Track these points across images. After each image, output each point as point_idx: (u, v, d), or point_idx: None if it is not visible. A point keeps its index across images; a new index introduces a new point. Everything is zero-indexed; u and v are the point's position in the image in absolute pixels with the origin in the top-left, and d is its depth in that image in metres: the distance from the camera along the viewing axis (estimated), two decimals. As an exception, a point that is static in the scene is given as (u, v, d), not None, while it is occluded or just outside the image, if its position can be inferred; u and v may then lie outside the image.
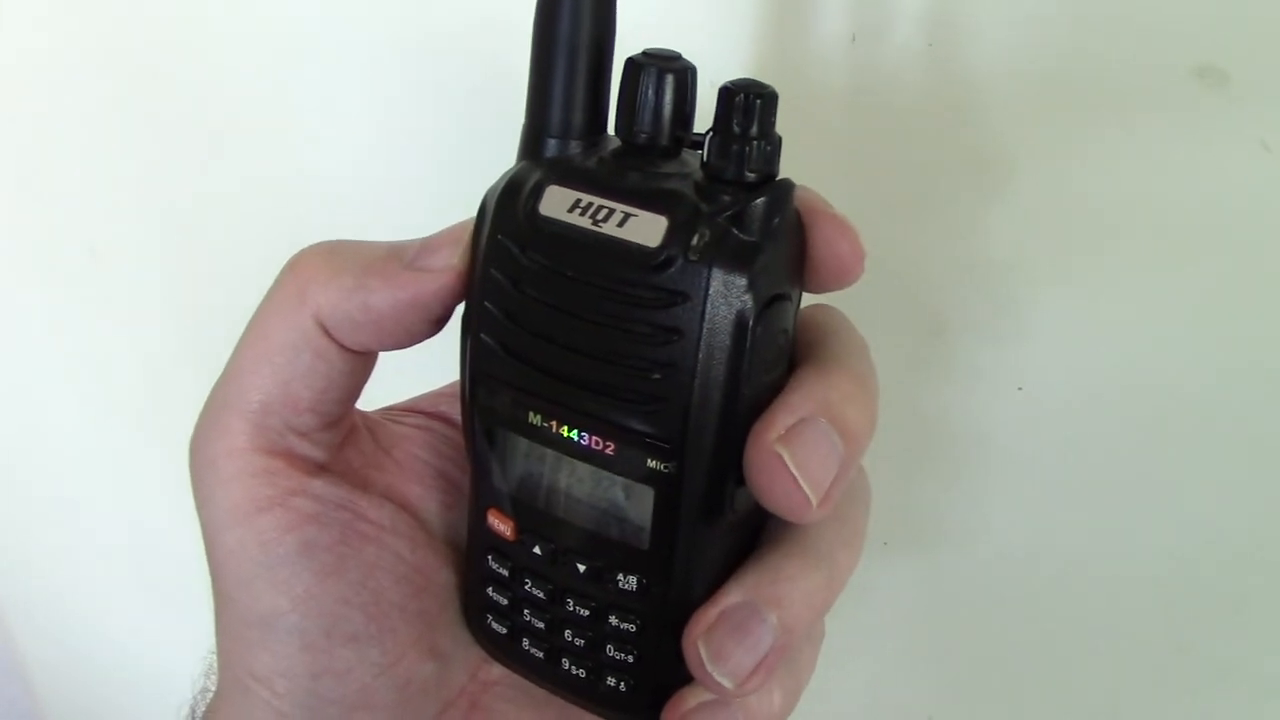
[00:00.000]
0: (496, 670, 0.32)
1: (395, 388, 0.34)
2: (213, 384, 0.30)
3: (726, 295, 0.24)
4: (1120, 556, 0.41)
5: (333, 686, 0.28)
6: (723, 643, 0.26)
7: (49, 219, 0.66)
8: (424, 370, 0.33)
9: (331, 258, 0.28)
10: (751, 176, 0.26)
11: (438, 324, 0.28)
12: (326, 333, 0.28)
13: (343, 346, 0.28)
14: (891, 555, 0.45)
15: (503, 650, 0.30)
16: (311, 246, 0.29)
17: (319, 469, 0.29)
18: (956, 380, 0.41)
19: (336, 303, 0.27)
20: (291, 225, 0.54)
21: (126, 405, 0.61)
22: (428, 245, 0.28)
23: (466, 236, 0.27)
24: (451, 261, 0.27)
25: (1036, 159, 0.36)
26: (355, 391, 0.30)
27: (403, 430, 0.32)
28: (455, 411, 0.32)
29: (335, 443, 0.30)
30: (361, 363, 0.29)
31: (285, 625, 0.28)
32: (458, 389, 0.32)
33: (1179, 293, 0.36)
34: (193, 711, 0.34)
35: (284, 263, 0.29)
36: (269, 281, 0.29)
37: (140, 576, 0.71)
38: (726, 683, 0.26)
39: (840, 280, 0.27)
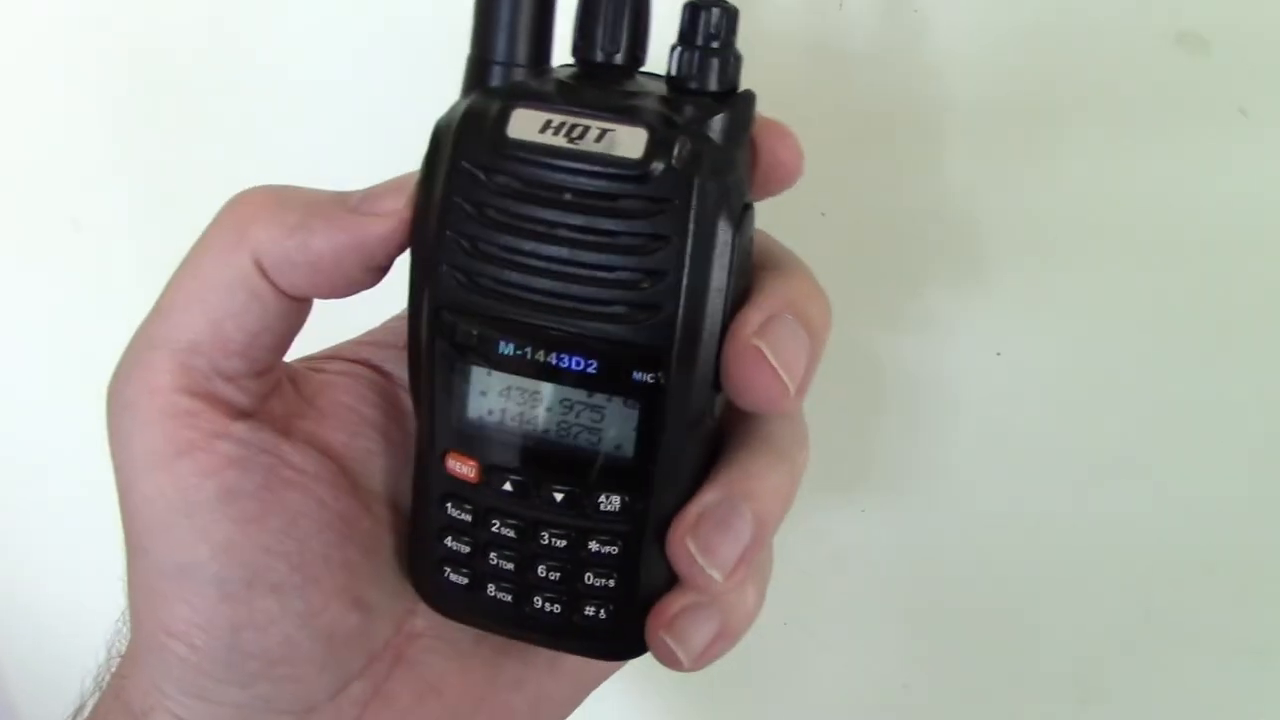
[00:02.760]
0: (422, 622, 0.31)
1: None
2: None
3: (711, 202, 0.25)
4: (1092, 522, 0.41)
5: (254, 639, 0.28)
6: (709, 537, 0.27)
7: (30, 191, 0.65)
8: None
9: (274, 196, 0.28)
10: (716, 88, 0.26)
11: (378, 273, 0.28)
12: (264, 273, 0.27)
13: (279, 290, 0.27)
14: (869, 521, 0.45)
15: (462, 604, 0.30)
16: (253, 187, 0.28)
17: (242, 414, 0.28)
18: (935, 345, 0.41)
19: (277, 239, 0.27)
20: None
21: (106, 379, 0.60)
22: (373, 191, 0.27)
23: (412, 185, 0.27)
24: (398, 206, 0.27)
25: (1019, 125, 0.37)
26: (287, 341, 0.29)
27: (326, 378, 0.31)
28: (377, 357, 0.32)
29: (261, 392, 0.29)
30: (296, 310, 0.28)
31: (204, 575, 0.27)
32: (378, 336, 0.32)
33: (1157, 260, 0.36)
34: (98, 681, 0.33)
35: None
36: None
37: (112, 556, 0.71)
38: (716, 575, 0.27)
39: (783, 185, 0.28)
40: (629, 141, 0.25)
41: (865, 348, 0.42)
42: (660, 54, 0.27)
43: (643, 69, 0.28)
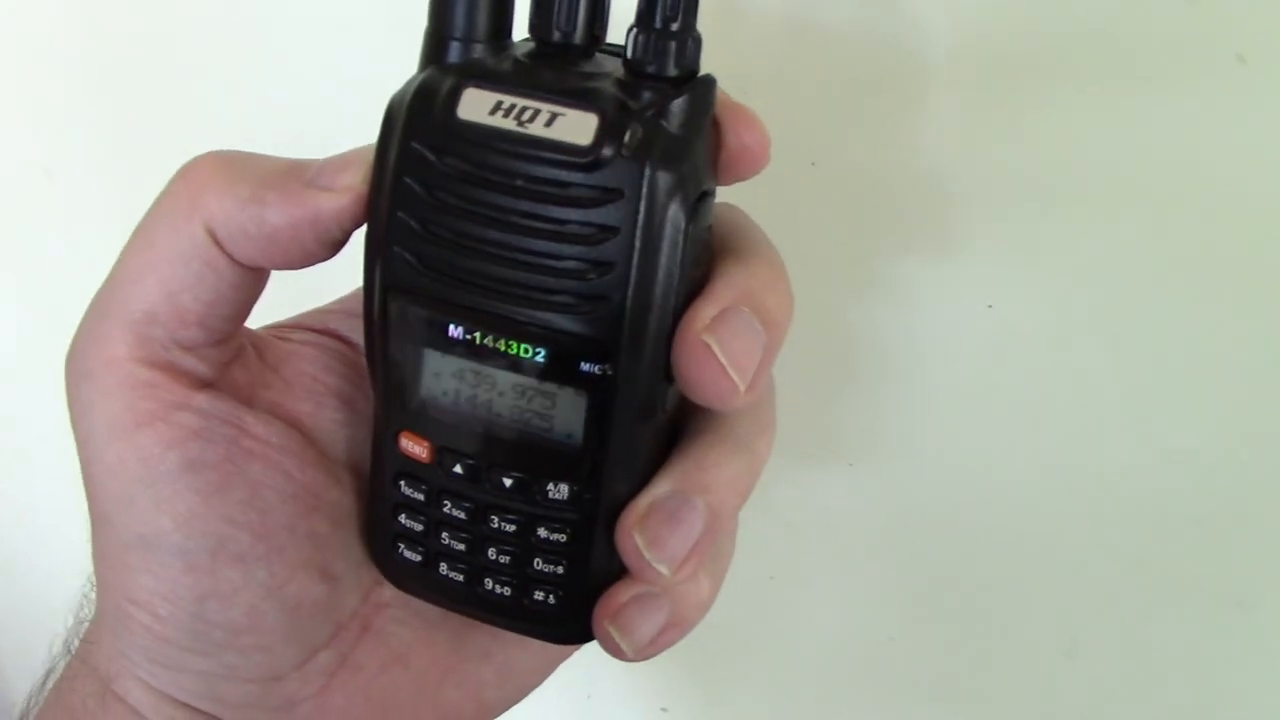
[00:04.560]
0: (389, 593, 0.31)
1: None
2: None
3: (661, 192, 0.24)
4: (1080, 475, 0.41)
5: (218, 609, 0.28)
6: (658, 531, 0.27)
7: (2, 141, 0.64)
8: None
9: (228, 166, 0.27)
10: (675, 72, 0.26)
11: (334, 247, 0.28)
12: (217, 243, 0.27)
13: (233, 260, 0.27)
14: (856, 476, 0.45)
15: (415, 580, 0.30)
16: (206, 154, 0.28)
17: (203, 384, 0.28)
18: (925, 298, 0.41)
19: (230, 212, 0.26)
20: (253, 146, 0.53)
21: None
22: (329, 164, 0.27)
23: (370, 158, 0.26)
24: (354, 181, 0.26)
25: (1013, 76, 0.36)
26: (245, 309, 0.29)
27: (290, 347, 0.31)
28: (343, 327, 0.32)
29: (222, 361, 0.29)
30: (253, 279, 0.28)
31: (167, 546, 0.27)
32: (345, 305, 0.32)
33: (1152, 210, 0.36)
34: (67, 645, 0.33)
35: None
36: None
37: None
38: (664, 569, 0.27)
39: (749, 171, 0.27)
40: (578, 127, 0.24)
41: (854, 299, 0.41)
42: (622, 28, 0.27)
43: (605, 43, 0.27)
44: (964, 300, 0.40)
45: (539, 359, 0.25)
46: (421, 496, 0.28)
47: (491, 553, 0.28)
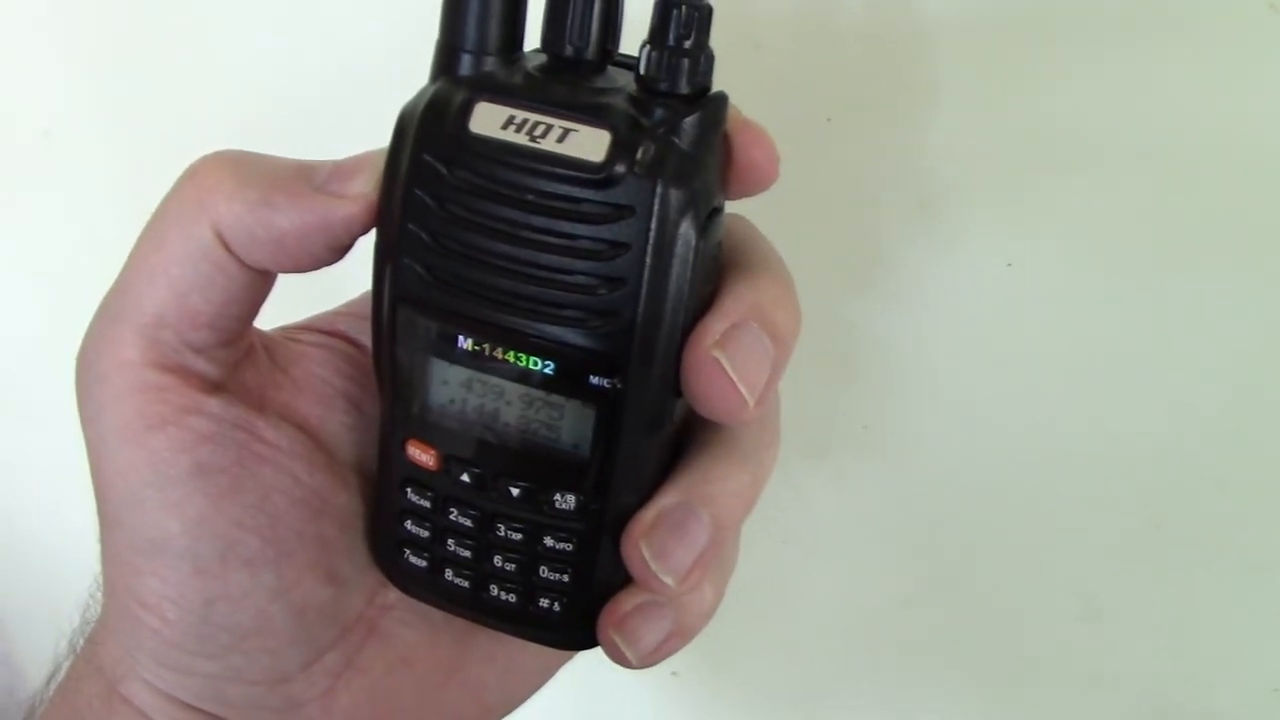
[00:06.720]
0: (394, 595, 0.31)
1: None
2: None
3: (673, 209, 0.24)
4: (1101, 435, 0.41)
5: (227, 613, 0.28)
6: (664, 542, 0.27)
7: (0, 103, 0.63)
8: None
9: (236, 168, 0.27)
10: (687, 90, 0.26)
11: (341, 252, 0.28)
12: (225, 246, 0.27)
13: (241, 262, 0.27)
14: (870, 437, 0.45)
15: (421, 585, 0.30)
16: (214, 154, 0.28)
17: (214, 387, 0.28)
18: (944, 256, 0.40)
19: (239, 215, 0.26)
20: (251, 109, 0.52)
21: (80, 295, 0.59)
22: (340, 169, 0.27)
23: (381, 164, 0.26)
24: (364, 189, 0.27)
25: (1037, 31, 0.35)
26: (254, 309, 0.29)
27: (300, 348, 0.31)
28: (353, 330, 0.32)
29: (232, 361, 0.29)
30: (262, 280, 0.28)
31: (176, 549, 0.27)
32: (354, 308, 0.32)
33: (1179, 168, 0.35)
34: (72, 645, 0.33)
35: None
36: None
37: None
38: (669, 580, 0.27)
39: (758, 187, 0.27)
40: (590, 143, 0.24)
41: (870, 258, 0.41)
42: (635, 38, 0.26)
43: (618, 54, 0.27)
44: (984, 258, 0.39)
45: (548, 372, 0.26)
46: (428, 504, 0.29)
47: (497, 560, 0.29)
